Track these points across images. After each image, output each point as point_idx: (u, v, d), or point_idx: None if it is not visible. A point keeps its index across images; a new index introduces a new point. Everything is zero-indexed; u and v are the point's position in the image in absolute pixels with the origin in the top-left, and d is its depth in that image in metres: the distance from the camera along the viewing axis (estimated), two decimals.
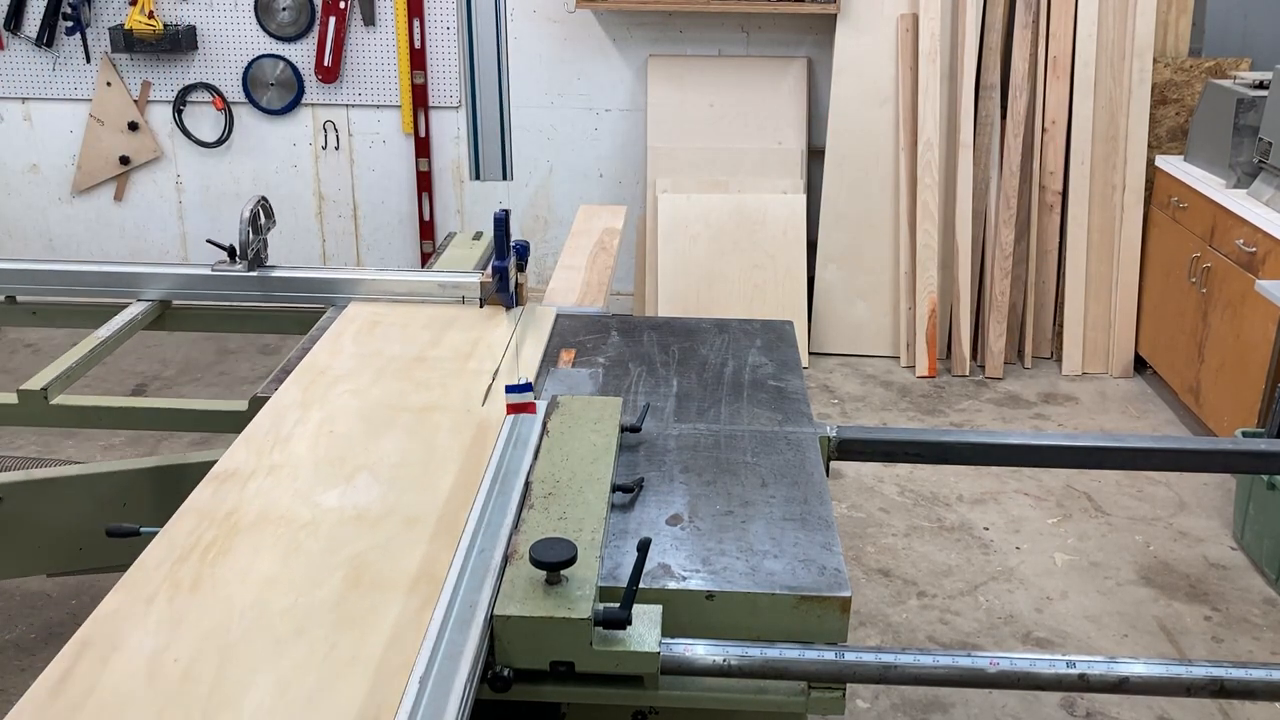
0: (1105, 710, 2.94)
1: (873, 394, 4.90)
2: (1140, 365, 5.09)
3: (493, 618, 1.45)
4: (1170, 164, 4.77)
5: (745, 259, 5.09)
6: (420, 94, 5.40)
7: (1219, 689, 1.56)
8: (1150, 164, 4.94)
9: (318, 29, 5.30)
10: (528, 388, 1.91)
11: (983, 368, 5.11)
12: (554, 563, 1.47)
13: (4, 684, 2.97)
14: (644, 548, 1.47)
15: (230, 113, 5.51)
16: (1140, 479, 4.12)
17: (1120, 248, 5.03)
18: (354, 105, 5.47)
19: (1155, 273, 4.91)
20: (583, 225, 3.31)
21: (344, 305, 2.68)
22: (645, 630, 1.48)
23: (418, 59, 5.34)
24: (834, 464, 2.22)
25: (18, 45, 5.42)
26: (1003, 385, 4.99)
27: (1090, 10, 4.88)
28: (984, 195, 5.07)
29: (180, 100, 5.47)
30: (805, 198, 5.15)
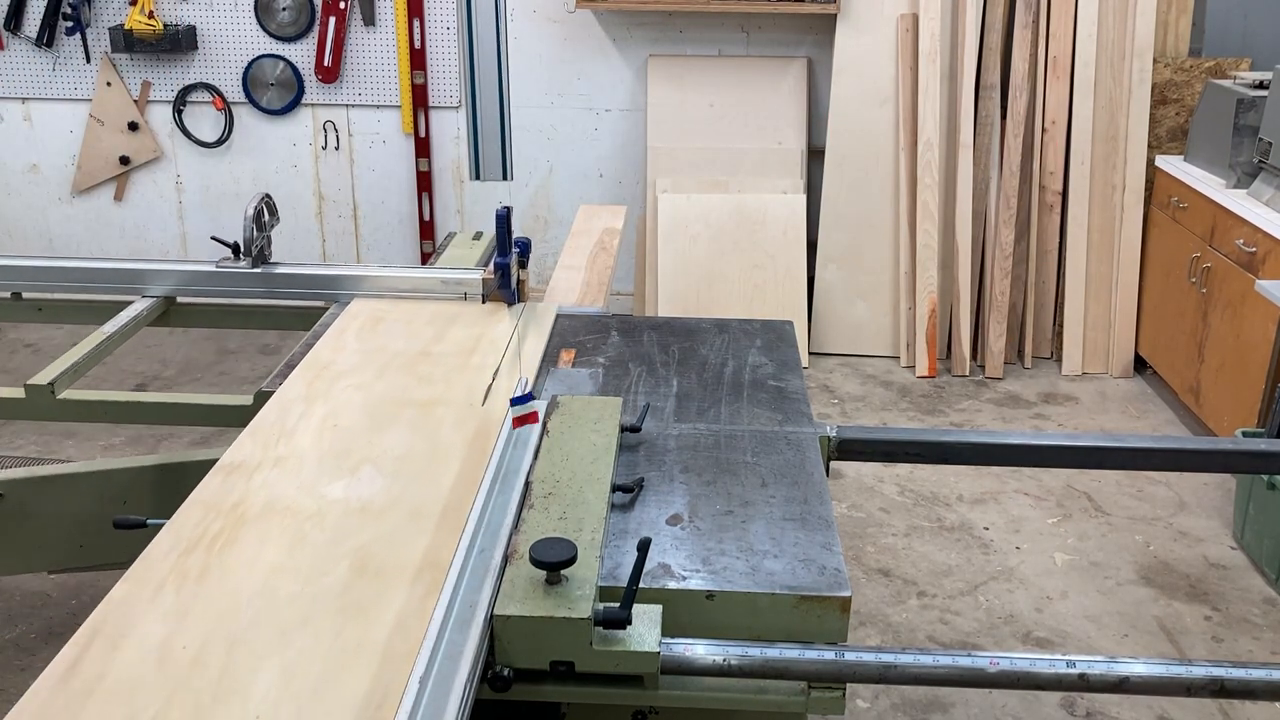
0: (1105, 710, 2.94)
1: (873, 394, 4.90)
2: (1140, 365, 5.09)
3: (493, 617, 1.45)
4: (1170, 164, 4.77)
5: (745, 259, 5.09)
6: (420, 94, 5.40)
7: (1219, 689, 1.56)
8: (1150, 164, 4.94)
9: (318, 29, 5.30)
10: (530, 398, 1.91)
11: (983, 368, 5.11)
12: (554, 562, 1.47)
13: (4, 684, 2.97)
14: (644, 548, 1.47)
15: (230, 113, 5.51)
16: (1140, 479, 4.12)
17: (1120, 248, 5.03)
18: (354, 105, 5.47)
19: (1155, 273, 4.91)
20: (583, 225, 3.31)
21: (347, 302, 2.69)
22: (645, 630, 1.48)
23: (418, 59, 5.34)
24: (834, 464, 2.22)
25: (18, 45, 5.42)
26: (1003, 385, 4.99)
27: (1090, 10, 4.88)
28: (984, 195, 5.07)
29: (180, 100, 5.47)
30: (805, 198, 5.15)
